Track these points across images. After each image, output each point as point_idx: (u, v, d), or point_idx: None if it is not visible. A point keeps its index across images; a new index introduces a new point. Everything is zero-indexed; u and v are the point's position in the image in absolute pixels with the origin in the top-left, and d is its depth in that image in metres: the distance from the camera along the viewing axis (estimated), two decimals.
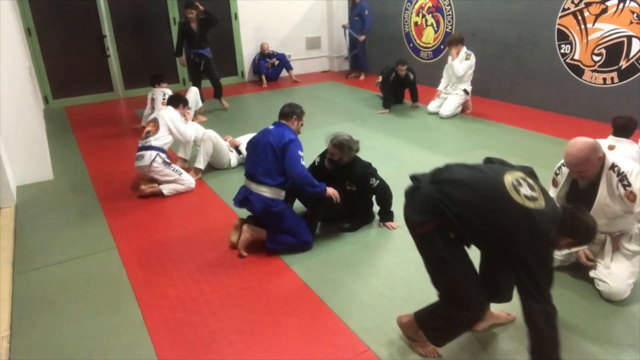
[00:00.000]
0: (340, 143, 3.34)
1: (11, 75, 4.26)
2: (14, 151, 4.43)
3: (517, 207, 1.90)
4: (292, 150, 3.12)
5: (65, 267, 3.18)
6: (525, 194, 1.93)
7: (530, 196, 1.94)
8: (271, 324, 2.54)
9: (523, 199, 1.91)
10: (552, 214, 1.95)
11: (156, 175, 4.18)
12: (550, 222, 1.92)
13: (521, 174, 2.04)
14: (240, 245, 3.19)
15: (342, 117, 6.47)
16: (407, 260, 3.08)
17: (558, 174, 2.71)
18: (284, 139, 3.15)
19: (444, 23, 7.62)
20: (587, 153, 2.38)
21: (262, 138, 3.25)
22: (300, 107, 3.45)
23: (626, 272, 2.54)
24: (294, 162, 3.10)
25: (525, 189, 1.96)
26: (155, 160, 4.10)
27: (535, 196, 1.95)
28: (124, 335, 2.51)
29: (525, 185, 1.98)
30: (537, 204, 1.93)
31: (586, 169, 2.42)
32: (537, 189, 1.99)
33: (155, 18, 8.26)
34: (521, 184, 1.98)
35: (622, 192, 2.41)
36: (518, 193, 1.93)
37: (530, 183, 2.01)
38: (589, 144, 2.41)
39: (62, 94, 7.82)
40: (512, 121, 5.92)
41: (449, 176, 2.16)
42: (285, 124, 3.32)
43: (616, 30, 5.35)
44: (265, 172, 3.16)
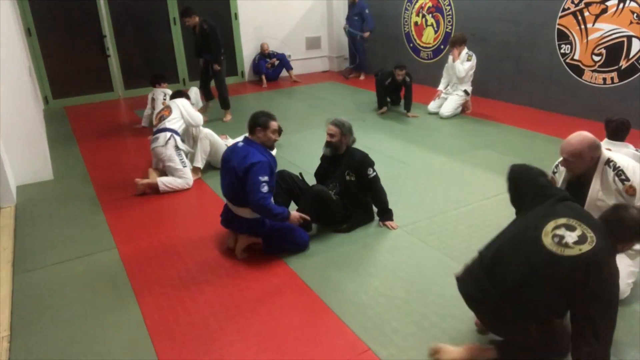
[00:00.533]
0: (341, 122, 3.33)
1: (11, 75, 4.26)
2: (14, 151, 4.43)
3: (570, 261, 1.86)
4: (253, 176, 2.89)
5: (65, 267, 3.18)
6: (571, 242, 1.88)
7: (577, 241, 1.88)
8: (271, 324, 2.54)
9: (573, 249, 1.86)
10: (603, 241, 1.90)
11: (164, 157, 4.29)
12: (607, 251, 1.89)
13: (563, 220, 1.98)
14: (237, 252, 3.19)
15: (341, 117, 6.45)
16: (407, 260, 3.08)
17: (555, 172, 2.73)
18: (246, 162, 2.93)
19: (444, 23, 7.62)
20: (585, 147, 2.40)
21: (229, 158, 3.08)
22: (264, 115, 3.08)
23: (626, 271, 2.54)
24: (252, 189, 2.89)
25: (570, 236, 1.90)
26: (170, 141, 4.26)
27: (581, 237, 1.89)
28: (124, 335, 2.51)
29: (568, 231, 1.92)
30: (588, 243, 1.87)
31: (575, 161, 2.44)
32: (581, 226, 1.93)
33: (155, 18, 8.26)
34: (564, 235, 1.92)
35: (621, 186, 2.43)
36: (565, 246, 1.88)
37: (572, 224, 1.94)
38: (590, 140, 2.42)
39: (62, 94, 7.82)
40: (512, 121, 5.92)
41: (491, 254, 2.13)
42: (253, 142, 3.08)
43: (616, 30, 5.35)
44: (235, 196, 3.08)
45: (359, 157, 3.40)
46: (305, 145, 5.24)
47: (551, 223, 1.99)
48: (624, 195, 2.44)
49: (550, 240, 1.94)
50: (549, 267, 1.91)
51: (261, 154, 3.00)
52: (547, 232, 1.96)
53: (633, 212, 1.98)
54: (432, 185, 4.20)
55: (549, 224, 1.99)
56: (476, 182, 4.21)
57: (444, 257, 3.10)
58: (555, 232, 1.95)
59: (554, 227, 1.97)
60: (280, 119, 5.44)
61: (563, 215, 2.00)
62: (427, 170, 4.54)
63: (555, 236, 1.94)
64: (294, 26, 9.41)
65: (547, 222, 1.99)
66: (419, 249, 3.22)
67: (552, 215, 2.03)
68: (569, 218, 1.98)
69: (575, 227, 1.94)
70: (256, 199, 2.90)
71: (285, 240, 3.17)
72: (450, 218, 3.60)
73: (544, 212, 2.06)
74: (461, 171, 4.49)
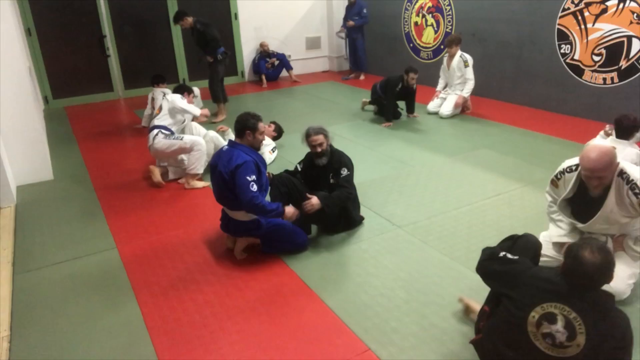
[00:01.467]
0: (319, 127, 3.31)
1: (11, 75, 4.26)
2: (14, 151, 4.43)
3: (580, 355, 1.73)
4: (240, 177, 2.90)
5: (65, 267, 3.18)
6: (564, 340, 1.74)
7: (568, 336, 1.73)
8: (271, 324, 2.54)
9: (572, 347, 1.72)
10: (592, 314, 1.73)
11: (162, 150, 4.32)
12: (604, 321, 1.73)
13: (539, 310, 1.79)
14: (236, 252, 3.19)
15: (342, 117, 6.47)
16: (407, 260, 3.08)
17: (559, 179, 2.64)
18: (231, 165, 2.94)
19: (444, 23, 7.62)
20: (611, 158, 2.31)
21: (215, 163, 3.08)
22: (252, 117, 3.06)
23: (627, 272, 2.54)
24: (241, 190, 2.90)
25: (558, 332, 1.75)
26: (157, 136, 4.29)
27: (568, 327, 1.73)
28: (124, 335, 2.51)
29: (551, 324, 1.76)
30: (579, 332, 1.72)
31: (606, 175, 2.35)
32: (558, 308, 1.76)
33: (155, 18, 8.26)
34: (552, 333, 1.76)
35: (635, 200, 2.36)
36: (561, 347, 1.75)
37: (551, 312, 1.77)
38: (610, 149, 2.34)
39: (62, 94, 7.83)
40: (512, 121, 5.92)
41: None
42: (238, 144, 3.08)
43: (616, 30, 5.35)
44: (227, 200, 3.08)
45: (337, 157, 3.37)
46: (305, 146, 5.22)
47: (531, 319, 1.81)
48: (636, 207, 2.39)
49: (544, 344, 1.80)
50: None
51: (246, 154, 2.99)
52: (535, 334, 1.81)
53: (586, 255, 1.75)
54: (432, 185, 4.20)
55: (529, 321, 1.82)
56: (476, 182, 4.21)
57: (444, 257, 3.10)
58: (542, 331, 1.79)
59: (536, 324, 1.80)
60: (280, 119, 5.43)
61: (534, 302, 1.83)
62: (427, 170, 4.54)
63: (546, 337, 1.79)
64: (294, 26, 9.41)
65: (527, 319, 1.82)
66: (419, 249, 3.22)
67: (525, 306, 1.84)
68: (541, 304, 1.81)
69: (556, 315, 1.77)
70: (247, 199, 2.90)
71: (284, 240, 3.18)
72: (450, 218, 3.60)
73: (519, 303, 1.87)
74: (461, 171, 4.49)
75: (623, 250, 2.60)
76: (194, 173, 4.38)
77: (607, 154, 2.31)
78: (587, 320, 1.73)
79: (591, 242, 1.81)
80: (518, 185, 4.11)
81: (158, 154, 4.44)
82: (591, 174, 2.34)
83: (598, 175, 2.33)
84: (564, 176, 2.61)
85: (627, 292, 2.54)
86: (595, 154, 2.31)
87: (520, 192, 3.99)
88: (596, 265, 1.72)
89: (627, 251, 2.58)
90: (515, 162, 4.62)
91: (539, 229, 3.04)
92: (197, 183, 4.38)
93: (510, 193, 3.98)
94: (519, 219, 3.54)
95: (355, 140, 5.44)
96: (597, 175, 2.33)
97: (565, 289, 1.79)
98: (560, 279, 1.82)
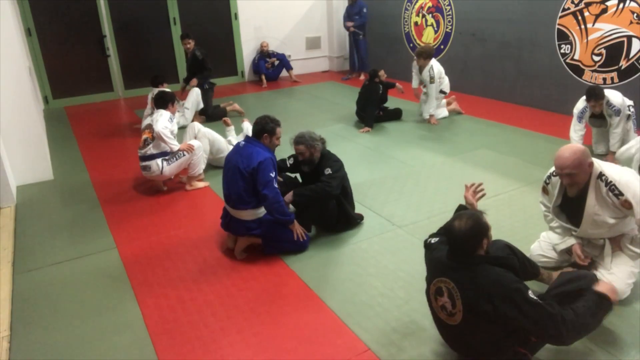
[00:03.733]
0: (302, 137, 3.32)
1: (11, 75, 4.26)
2: (14, 151, 4.43)
3: (467, 322, 1.97)
4: (264, 174, 2.95)
5: (65, 267, 3.18)
6: (451, 309, 2.00)
7: (453, 304, 1.98)
8: (271, 324, 2.54)
9: (458, 314, 1.97)
10: (467, 283, 1.95)
11: (172, 174, 4.27)
12: (476, 288, 1.92)
13: (433, 288, 2.07)
14: (236, 252, 3.19)
15: (341, 117, 6.47)
16: (407, 260, 3.08)
17: (548, 184, 2.70)
18: (252, 162, 2.98)
19: (444, 23, 7.62)
20: (580, 156, 2.38)
21: (233, 159, 3.12)
22: (272, 121, 3.13)
23: (626, 272, 2.54)
24: (266, 186, 2.96)
25: (446, 302, 2.01)
26: (163, 167, 4.13)
27: (450, 297, 1.98)
28: (124, 335, 2.51)
29: (440, 297, 2.03)
30: (457, 299, 1.95)
31: (577, 174, 2.41)
32: (442, 281, 2.01)
33: (155, 18, 8.26)
34: (443, 305, 2.03)
35: (616, 201, 2.40)
36: (452, 315, 2.00)
37: (439, 287, 2.03)
38: (580, 148, 2.44)
39: (62, 94, 7.83)
40: (512, 121, 5.92)
41: None
42: (256, 141, 3.13)
43: (616, 30, 5.35)
44: (237, 197, 3.08)
45: (324, 161, 3.37)
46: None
47: (431, 296, 2.10)
48: (620, 209, 2.42)
49: (443, 314, 2.06)
50: (460, 336, 2.06)
51: (265, 152, 3.07)
52: (437, 308, 2.08)
53: (455, 224, 1.98)
54: (432, 185, 4.20)
55: (431, 297, 2.11)
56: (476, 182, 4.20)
57: None
58: (439, 304, 2.06)
59: (434, 298, 2.08)
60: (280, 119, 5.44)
61: (430, 279, 2.11)
62: (427, 170, 4.54)
63: (442, 308, 2.05)
64: (294, 26, 9.41)
65: (429, 295, 2.12)
66: (419, 249, 3.20)
67: (428, 283, 2.14)
68: (433, 280, 2.07)
69: (442, 288, 2.02)
70: (273, 194, 2.99)
71: (285, 240, 3.18)
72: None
73: (427, 283, 2.17)
74: (461, 171, 4.48)
75: (621, 250, 2.60)
76: (197, 174, 4.38)
77: (576, 152, 2.39)
78: (460, 286, 1.95)
79: (463, 213, 2.04)
80: (518, 185, 4.11)
81: (165, 178, 4.30)
82: (561, 171, 2.44)
83: (567, 172, 2.41)
84: (551, 180, 2.67)
85: (627, 292, 2.54)
86: (566, 153, 2.41)
87: (520, 192, 3.99)
88: (462, 231, 1.94)
89: (624, 251, 2.59)
90: (515, 162, 4.62)
91: (539, 229, 3.05)
92: (197, 183, 4.38)
93: (510, 193, 3.98)
94: (519, 219, 3.54)
95: (355, 140, 5.44)
96: (566, 172, 2.41)
97: (447, 264, 2.02)
98: (445, 256, 2.05)
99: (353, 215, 3.50)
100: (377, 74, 6.07)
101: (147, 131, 4.22)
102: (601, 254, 2.67)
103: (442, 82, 6.05)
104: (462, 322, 1.97)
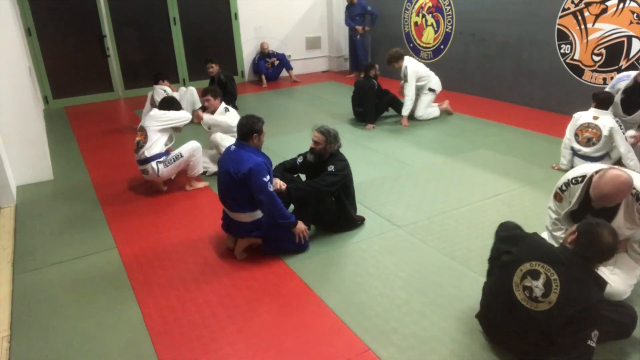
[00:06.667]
0: (326, 130, 3.32)
1: (11, 75, 4.26)
2: (14, 151, 4.43)
3: (544, 314, 1.98)
4: (256, 179, 2.93)
5: (65, 267, 3.18)
6: (540, 295, 1.99)
7: (544, 293, 1.98)
8: (271, 324, 2.54)
9: (544, 304, 1.97)
10: (570, 281, 1.96)
11: (169, 176, 4.30)
12: (580, 291, 1.94)
13: (527, 266, 2.06)
14: (236, 252, 3.19)
15: (341, 117, 6.46)
16: (407, 260, 3.08)
17: (564, 190, 2.62)
18: (243, 167, 2.94)
19: (444, 23, 7.62)
20: (624, 190, 2.29)
21: (224, 164, 3.09)
22: (259, 120, 3.10)
23: (628, 273, 2.54)
24: (260, 191, 2.95)
25: (537, 287, 2.00)
26: (159, 169, 4.13)
27: (546, 284, 1.98)
28: (124, 335, 2.51)
29: (534, 280, 2.02)
30: (553, 291, 1.96)
31: (618, 202, 2.36)
32: (544, 267, 2.01)
33: (155, 18, 8.26)
34: (531, 287, 2.02)
35: None
36: (535, 301, 2.01)
37: (536, 269, 2.03)
38: (626, 181, 2.28)
39: (62, 94, 7.83)
40: (512, 121, 5.92)
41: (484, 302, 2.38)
42: (245, 144, 3.08)
43: (616, 30, 5.35)
44: (233, 201, 3.08)
45: (332, 158, 3.36)
46: (305, 146, 5.19)
47: (518, 272, 2.10)
48: None
49: (522, 294, 2.07)
50: (527, 321, 2.05)
51: (256, 156, 3.03)
52: (518, 284, 2.08)
53: (604, 234, 1.98)
54: (432, 185, 4.20)
55: (517, 272, 2.10)
56: (476, 182, 4.21)
57: (444, 257, 3.10)
58: (524, 284, 2.06)
59: (521, 276, 2.08)
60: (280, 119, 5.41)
61: (526, 259, 2.10)
62: (427, 170, 4.54)
63: (526, 289, 2.06)
64: (294, 26, 9.41)
65: (515, 270, 2.11)
66: (419, 249, 3.22)
67: (518, 260, 2.13)
68: (531, 261, 2.08)
69: (540, 273, 2.03)
70: (268, 199, 2.97)
71: (285, 240, 3.17)
72: (450, 218, 3.60)
73: (515, 256, 2.17)
74: (461, 171, 4.49)
75: (625, 252, 2.60)
76: (197, 175, 4.38)
77: (618, 187, 2.26)
78: (564, 284, 1.96)
79: (606, 224, 2.04)
80: (518, 185, 4.11)
81: (164, 179, 4.32)
82: (602, 203, 2.36)
83: (608, 204, 2.35)
84: (569, 188, 2.58)
85: (628, 293, 2.54)
86: (606, 187, 2.28)
87: (520, 192, 3.99)
88: (609, 245, 1.97)
89: (630, 253, 2.58)
90: (515, 162, 4.62)
91: (539, 229, 3.03)
92: (197, 184, 4.38)
93: (510, 193, 3.98)
94: (519, 219, 3.50)
95: (355, 140, 5.43)
96: (607, 204, 2.36)
97: (558, 257, 2.03)
98: (561, 249, 2.07)
99: (354, 216, 3.49)
100: (371, 70, 6.10)
101: (139, 133, 4.21)
102: None
103: (430, 80, 6.08)
104: (542, 313, 1.99)
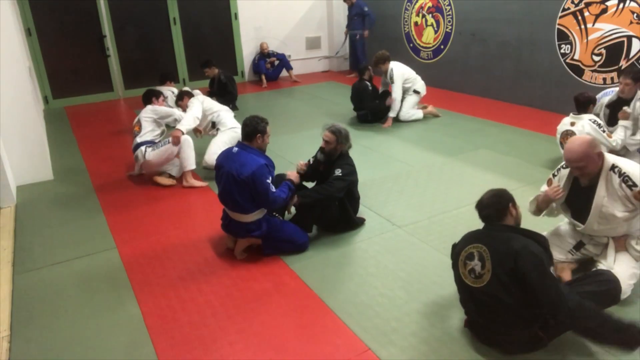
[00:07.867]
0: (338, 130, 3.32)
1: (11, 75, 4.26)
2: (14, 151, 4.43)
3: (492, 284, 2.14)
4: (260, 182, 2.93)
5: (65, 267, 3.18)
6: (479, 270, 2.17)
7: (482, 265, 2.15)
8: (271, 324, 2.54)
9: (486, 275, 2.15)
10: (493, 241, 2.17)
11: (157, 161, 4.37)
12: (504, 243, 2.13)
13: (464, 254, 2.25)
14: (236, 252, 3.19)
15: (342, 117, 6.46)
16: (407, 260, 3.08)
17: (556, 175, 2.74)
18: (246, 170, 2.93)
19: (444, 23, 7.62)
20: (586, 148, 2.43)
21: (225, 165, 3.05)
22: (262, 121, 3.09)
23: (628, 272, 2.54)
24: (264, 194, 2.96)
25: (476, 265, 2.18)
26: (146, 152, 4.33)
27: (480, 257, 2.17)
28: (124, 335, 2.51)
29: (469, 261, 2.21)
30: (487, 259, 2.14)
31: (586, 165, 2.45)
32: (476, 247, 2.20)
33: (155, 18, 8.26)
34: (473, 267, 2.20)
35: (629, 192, 2.42)
36: (479, 277, 2.17)
37: (470, 252, 2.22)
38: (587, 139, 2.51)
39: (62, 94, 7.83)
40: (512, 121, 5.92)
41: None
42: (248, 146, 3.08)
43: (616, 30, 5.35)
44: (234, 202, 3.06)
45: (340, 160, 3.35)
46: (304, 146, 5.23)
47: (460, 263, 2.28)
48: (632, 201, 2.43)
49: (470, 279, 2.22)
50: (486, 300, 2.17)
51: (258, 157, 3.03)
52: (465, 274, 2.25)
53: (482, 197, 2.30)
54: (432, 185, 4.20)
55: (460, 264, 2.29)
56: (476, 182, 4.21)
57: (444, 257, 3.09)
58: (467, 269, 2.23)
59: (464, 264, 2.26)
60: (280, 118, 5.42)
61: (461, 249, 2.29)
62: (427, 170, 4.54)
63: (470, 272, 2.22)
64: (294, 26, 9.41)
65: (459, 263, 2.29)
66: (419, 249, 3.22)
67: (457, 254, 2.32)
68: (465, 248, 2.27)
69: (473, 253, 2.21)
70: (272, 200, 3.01)
71: (284, 240, 3.18)
72: (450, 218, 3.60)
73: (455, 256, 2.37)
74: (461, 171, 4.48)
75: (625, 250, 2.61)
76: (190, 169, 4.38)
77: (582, 144, 2.46)
78: (490, 248, 2.16)
79: (488, 192, 2.31)
80: (518, 185, 4.11)
81: (152, 167, 4.43)
82: (570, 164, 2.53)
83: (576, 165, 2.47)
84: (559, 172, 2.71)
85: (628, 292, 2.54)
86: (573, 145, 2.48)
87: (520, 192, 3.98)
88: (488, 197, 2.27)
89: (629, 251, 2.60)
90: (515, 162, 4.62)
91: (539, 229, 3.03)
92: (195, 182, 4.38)
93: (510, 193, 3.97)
94: None
95: (355, 140, 5.37)
96: (575, 165, 2.48)
97: (483, 233, 2.26)
98: (482, 228, 2.30)
99: (355, 218, 3.49)
100: (365, 72, 6.13)
101: (136, 125, 4.57)
102: (603, 253, 2.68)
103: (415, 82, 6.10)
104: (488, 284, 2.13)
